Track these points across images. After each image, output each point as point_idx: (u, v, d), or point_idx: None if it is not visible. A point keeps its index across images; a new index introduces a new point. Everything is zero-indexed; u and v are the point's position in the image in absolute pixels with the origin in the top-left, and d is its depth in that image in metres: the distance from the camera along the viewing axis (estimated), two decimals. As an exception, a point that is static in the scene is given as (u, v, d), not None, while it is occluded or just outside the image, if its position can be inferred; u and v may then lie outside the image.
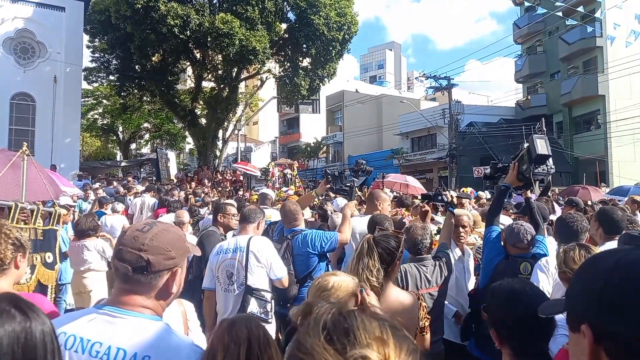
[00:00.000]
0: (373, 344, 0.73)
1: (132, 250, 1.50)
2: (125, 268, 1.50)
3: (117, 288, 1.56)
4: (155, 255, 1.51)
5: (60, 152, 21.41)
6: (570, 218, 3.32)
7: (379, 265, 2.53)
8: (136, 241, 1.51)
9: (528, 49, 35.89)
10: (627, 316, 0.76)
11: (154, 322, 1.52)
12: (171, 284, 1.58)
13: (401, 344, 0.74)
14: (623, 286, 0.78)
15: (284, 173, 17.47)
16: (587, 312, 0.82)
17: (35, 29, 21.99)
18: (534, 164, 3.32)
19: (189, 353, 1.49)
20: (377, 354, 0.71)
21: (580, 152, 29.29)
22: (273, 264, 3.75)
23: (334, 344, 0.73)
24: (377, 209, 4.76)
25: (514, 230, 3.52)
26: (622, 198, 10.13)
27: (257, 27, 21.77)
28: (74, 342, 1.46)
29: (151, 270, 1.51)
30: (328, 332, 0.75)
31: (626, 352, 0.76)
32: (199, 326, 2.30)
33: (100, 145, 43.70)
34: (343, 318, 0.78)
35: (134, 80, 26.10)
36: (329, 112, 47.35)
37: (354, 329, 0.75)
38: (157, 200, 10.00)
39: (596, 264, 0.87)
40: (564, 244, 3.18)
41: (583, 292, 0.86)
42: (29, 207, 3.64)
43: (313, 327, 0.77)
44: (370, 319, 0.77)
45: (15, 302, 1.08)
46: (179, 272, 1.60)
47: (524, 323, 1.71)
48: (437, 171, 35.20)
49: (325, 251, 4.11)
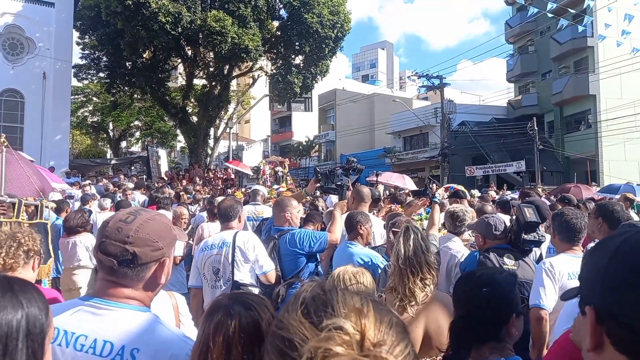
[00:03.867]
0: (350, 315, 0.68)
1: (117, 243, 1.42)
2: (110, 261, 1.42)
3: (102, 280, 1.49)
4: (142, 248, 1.44)
5: (50, 150, 21.19)
6: (571, 213, 3.15)
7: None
8: (120, 233, 1.44)
9: (520, 49, 36.08)
10: (626, 297, 0.76)
11: (142, 313, 1.46)
12: (159, 275, 1.51)
13: (382, 317, 0.70)
14: (624, 267, 0.78)
15: (275, 171, 17.38)
16: (591, 294, 0.83)
17: (24, 24, 21.73)
18: (524, 231, 3.37)
19: (180, 344, 1.43)
20: (351, 324, 0.67)
21: (571, 152, 29.50)
22: (259, 258, 3.67)
23: (310, 317, 0.70)
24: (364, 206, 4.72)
25: (489, 223, 3.59)
26: (612, 196, 10.18)
27: (249, 25, 21.68)
28: (57, 335, 1.39)
29: (138, 263, 1.44)
30: (306, 306, 0.72)
31: (627, 333, 0.75)
32: (191, 319, 2.25)
33: (91, 143, 43.33)
34: (323, 292, 0.74)
35: (125, 78, 25.90)
36: (321, 110, 47.35)
37: (332, 302, 0.71)
38: (148, 197, 9.91)
39: (602, 247, 0.87)
40: (565, 242, 3.11)
41: (590, 274, 0.86)
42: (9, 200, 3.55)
43: (293, 303, 0.74)
44: (352, 294, 0.74)
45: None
46: (167, 262, 1.54)
47: (471, 300, 1.77)
48: (429, 170, 35.29)
49: (314, 251, 3.97)
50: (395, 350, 0.67)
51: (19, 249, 2.24)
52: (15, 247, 2.23)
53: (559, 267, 2.94)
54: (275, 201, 4.70)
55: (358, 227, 3.84)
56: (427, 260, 2.37)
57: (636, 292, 0.74)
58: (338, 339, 0.65)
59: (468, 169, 30.37)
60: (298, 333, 0.68)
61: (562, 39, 30.11)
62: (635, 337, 0.74)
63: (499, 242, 3.54)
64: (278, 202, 4.38)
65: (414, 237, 2.40)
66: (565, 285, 2.83)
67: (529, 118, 28.61)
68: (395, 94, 51.89)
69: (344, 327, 0.66)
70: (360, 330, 0.67)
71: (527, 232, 3.40)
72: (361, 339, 0.66)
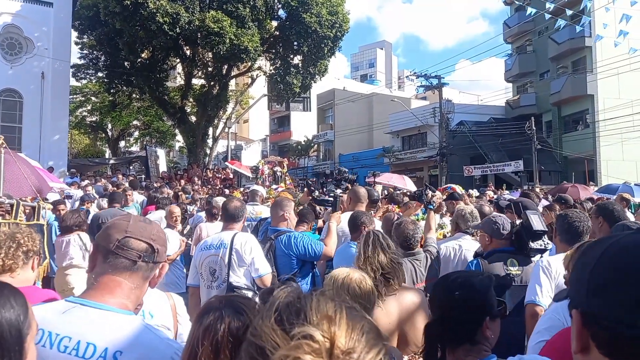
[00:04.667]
0: (321, 323, 0.68)
1: (144, 239, 1.52)
2: (135, 255, 1.50)
3: (97, 280, 1.50)
4: (162, 247, 1.58)
5: (48, 150, 21.13)
6: (576, 216, 3.17)
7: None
8: (145, 231, 1.54)
9: (518, 49, 36.10)
10: (610, 299, 0.75)
11: (127, 316, 1.47)
12: (160, 276, 1.62)
13: (354, 324, 0.69)
14: (609, 270, 0.77)
15: (274, 171, 17.40)
16: (578, 297, 0.82)
17: (23, 24, 21.68)
18: (530, 239, 3.41)
19: (163, 348, 1.44)
20: (321, 333, 0.66)
21: (569, 151, 29.53)
22: (255, 261, 3.63)
23: (283, 325, 0.69)
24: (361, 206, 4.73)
25: (497, 222, 3.58)
26: (610, 196, 10.18)
27: (248, 25, 21.67)
28: (42, 336, 1.39)
29: (155, 259, 1.54)
30: (279, 314, 0.71)
31: (610, 336, 0.74)
32: (188, 320, 2.26)
33: (89, 142, 43.31)
34: (297, 299, 0.74)
35: (123, 77, 25.89)
36: (319, 110, 47.35)
37: (305, 309, 0.71)
38: (146, 197, 9.91)
39: (591, 250, 0.86)
40: (565, 243, 3.12)
41: (578, 277, 0.85)
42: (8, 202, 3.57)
43: (267, 310, 0.74)
44: (328, 300, 0.73)
45: None
46: (166, 266, 1.65)
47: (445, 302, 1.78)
48: (428, 170, 35.33)
49: (306, 257, 3.89)
50: (366, 358, 0.67)
51: (18, 250, 2.23)
52: (14, 248, 2.22)
53: (556, 265, 2.96)
54: (273, 201, 4.67)
55: (362, 229, 3.80)
56: (391, 259, 2.58)
57: (619, 296, 0.74)
58: (307, 348, 0.65)
59: (466, 168, 30.42)
60: (270, 341, 0.68)
61: (560, 39, 30.13)
62: (618, 341, 0.73)
63: (504, 243, 3.54)
64: (276, 202, 4.36)
65: (374, 239, 2.64)
66: (560, 284, 2.85)
67: (527, 118, 28.64)
68: (394, 94, 51.92)
69: (313, 335, 0.66)
70: (329, 338, 0.66)
71: (533, 240, 3.43)
72: (331, 347, 0.66)
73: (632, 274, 0.74)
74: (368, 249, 2.60)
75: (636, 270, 0.74)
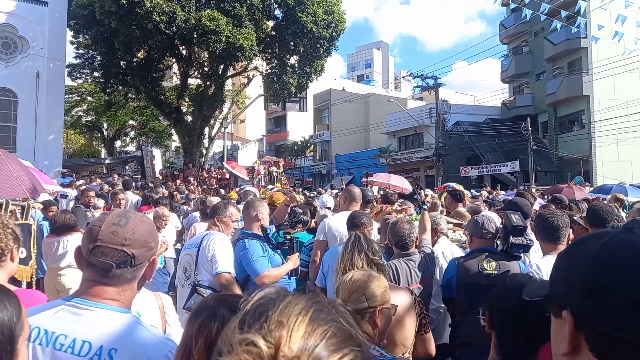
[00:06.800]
0: (273, 328, 0.64)
1: (114, 246, 1.46)
2: (108, 265, 1.45)
3: (88, 280, 1.50)
4: (139, 249, 1.50)
5: (43, 149, 21.04)
6: (549, 213, 3.29)
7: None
8: (116, 236, 1.47)
9: (514, 49, 36.21)
10: (608, 303, 0.73)
11: (122, 314, 1.48)
12: (149, 273, 1.58)
13: (315, 327, 0.65)
14: (606, 271, 0.75)
15: (270, 171, 17.35)
16: (570, 297, 0.79)
17: (18, 23, 21.57)
18: (512, 236, 3.45)
19: (159, 346, 1.44)
20: (262, 339, 0.63)
21: (565, 152, 29.64)
22: (214, 258, 3.53)
23: (243, 329, 0.66)
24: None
25: (477, 221, 3.61)
26: (605, 196, 10.20)
27: (244, 24, 21.65)
28: (38, 334, 1.41)
29: (134, 263, 1.49)
30: (244, 316, 0.68)
31: (606, 340, 0.73)
32: (177, 320, 2.25)
33: (85, 142, 43.17)
34: (267, 301, 0.69)
35: (119, 77, 25.79)
36: (316, 110, 47.35)
37: (268, 313, 0.66)
38: (141, 197, 9.86)
39: (582, 247, 0.83)
40: (547, 241, 3.20)
41: (566, 276, 0.82)
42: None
43: (239, 311, 0.70)
44: (297, 301, 0.68)
45: None
46: (157, 261, 1.60)
47: (512, 312, 1.65)
48: (424, 170, 35.37)
49: (237, 272, 3.69)
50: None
51: None
52: None
53: (545, 268, 2.97)
54: (245, 204, 4.47)
55: (362, 229, 3.68)
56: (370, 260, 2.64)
57: (617, 300, 0.72)
58: (248, 355, 0.63)
59: (463, 169, 30.49)
60: (227, 344, 0.66)
61: (556, 40, 30.24)
62: (615, 346, 0.72)
63: (485, 242, 3.54)
64: (248, 203, 4.22)
65: (353, 241, 2.71)
66: None
67: (523, 118, 28.74)
68: (391, 94, 52.00)
69: (255, 341, 0.63)
70: (274, 344, 0.63)
71: (514, 236, 3.43)
72: (275, 353, 0.62)
73: (631, 277, 0.73)
74: (345, 251, 2.68)
75: (635, 274, 0.73)
